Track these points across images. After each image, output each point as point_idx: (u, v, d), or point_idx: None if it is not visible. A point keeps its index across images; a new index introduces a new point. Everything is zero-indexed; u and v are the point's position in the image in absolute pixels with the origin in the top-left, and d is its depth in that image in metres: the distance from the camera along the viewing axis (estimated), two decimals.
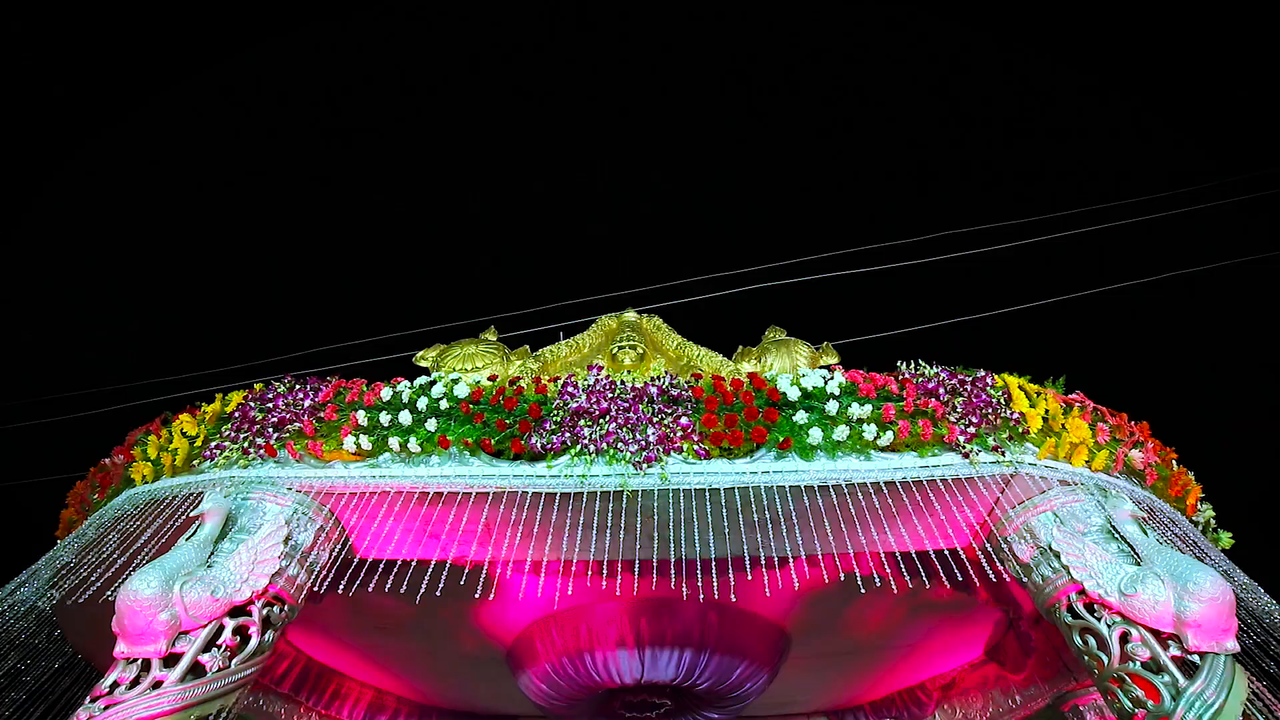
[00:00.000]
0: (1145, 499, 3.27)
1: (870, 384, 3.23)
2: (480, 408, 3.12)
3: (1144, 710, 2.47)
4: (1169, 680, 2.44)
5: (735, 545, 3.04)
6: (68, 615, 3.66)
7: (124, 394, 7.74)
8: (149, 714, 2.32)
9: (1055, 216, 7.92)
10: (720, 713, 4.91)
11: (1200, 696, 2.32)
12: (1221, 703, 2.30)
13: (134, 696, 2.36)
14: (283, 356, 7.60)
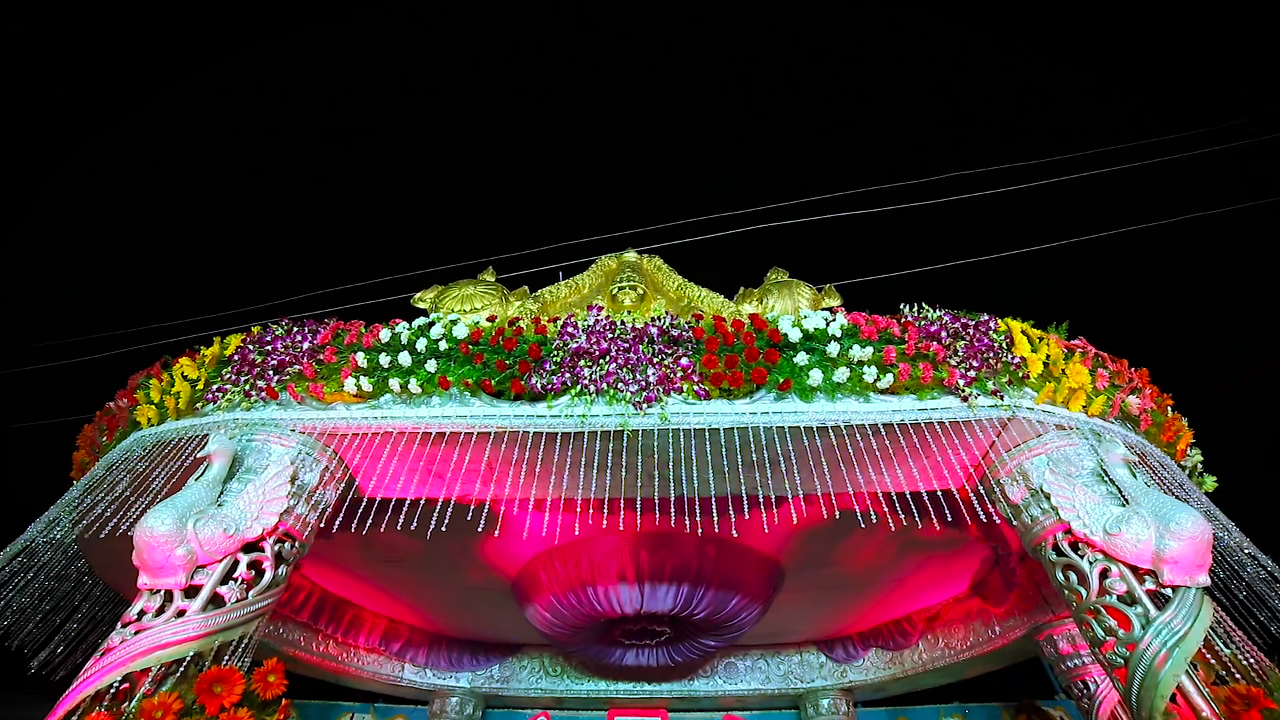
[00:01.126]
0: (1138, 444, 3.31)
1: (872, 326, 3.19)
2: (480, 348, 3.10)
3: (1114, 638, 2.60)
4: (1141, 611, 2.57)
5: (734, 484, 3.09)
6: (91, 550, 3.80)
7: (123, 339, 7.74)
8: (176, 639, 2.43)
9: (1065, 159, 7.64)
10: (717, 640, 5.17)
11: (1168, 625, 2.45)
12: (1187, 630, 2.43)
13: (160, 623, 2.47)
14: (280, 301, 7.54)
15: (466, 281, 4.11)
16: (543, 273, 6.47)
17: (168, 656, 2.39)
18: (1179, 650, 2.38)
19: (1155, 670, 2.38)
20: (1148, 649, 2.43)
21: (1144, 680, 2.40)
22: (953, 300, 3.49)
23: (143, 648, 2.38)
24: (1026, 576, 4.64)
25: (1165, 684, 2.35)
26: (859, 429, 3.01)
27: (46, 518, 3.31)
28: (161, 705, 2.16)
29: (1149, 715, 2.37)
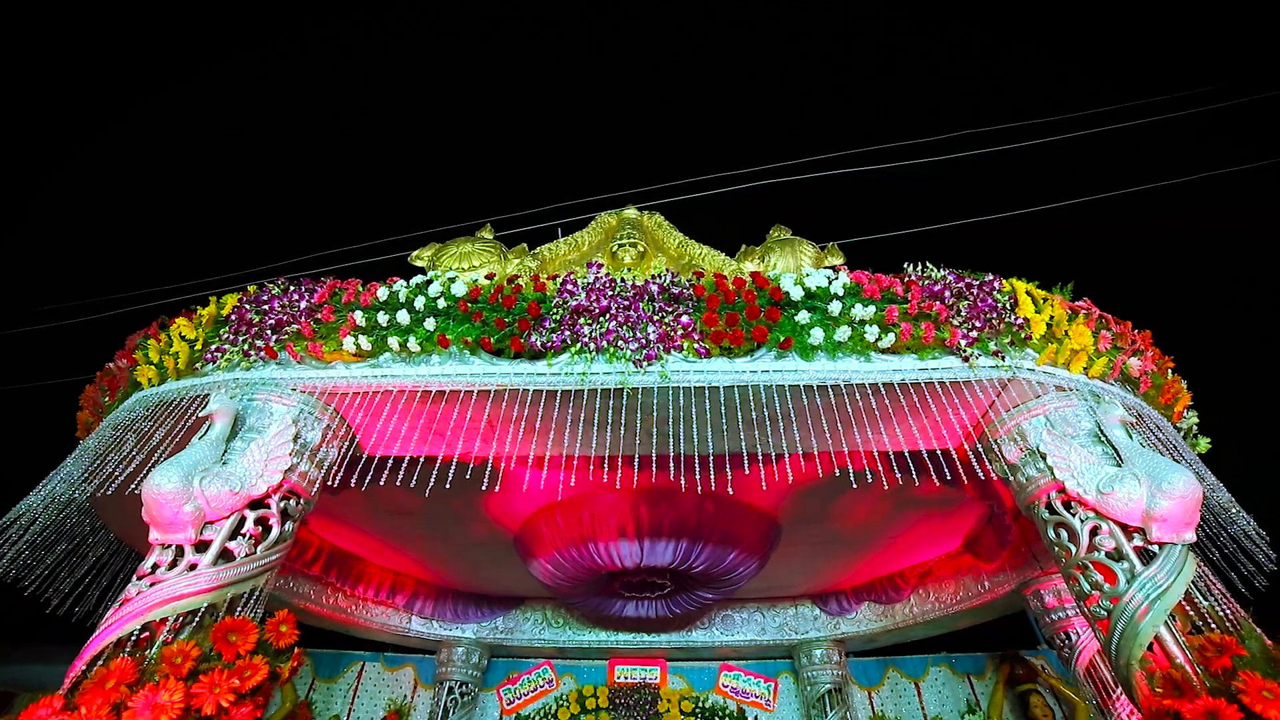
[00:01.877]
0: (1135, 405, 3.32)
1: (875, 285, 3.16)
2: (479, 306, 3.08)
3: (1099, 592, 2.67)
4: (1127, 567, 2.63)
5: (733, 442, 3.11)
6: (103, 507, 3.87)
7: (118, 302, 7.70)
8: (189, 591, 2.50)
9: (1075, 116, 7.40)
10: (714, 593, 5.32)
11: (1152, 580, 2.52)
12: (1169, 584, 2.50)
13: (174, 576, 2.54)
14: (277, 263, 7.46)
15: (464, 239, 4.04)
16: (541, 230, 6.39)
17: (183, 607, 2.46)
18: (1160, 603, 2.46)
19: (1136, 622, 2.46)
20: (1130, 602, 2.50)
21: (1125, 631, 2.48)
22: (958, 261, 3.45)
23: (158, 599, 2.45)
24: (1019, 534, 4.74)
25: (1144, 634, 2.44)
26: (859, 388, 3.01)
27: (56, 476, 3.35)
28: (180, 652, 2.23)
29: (1126, 663, 2.46)
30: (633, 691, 6.53)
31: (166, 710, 2.06)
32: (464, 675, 6.26)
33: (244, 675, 2.28)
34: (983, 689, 6.50)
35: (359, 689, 6.65)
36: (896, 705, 6.51)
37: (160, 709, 2.06)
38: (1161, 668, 2.34)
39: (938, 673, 6.68)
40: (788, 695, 6.62)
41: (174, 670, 2.18)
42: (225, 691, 2.19)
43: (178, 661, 2.20)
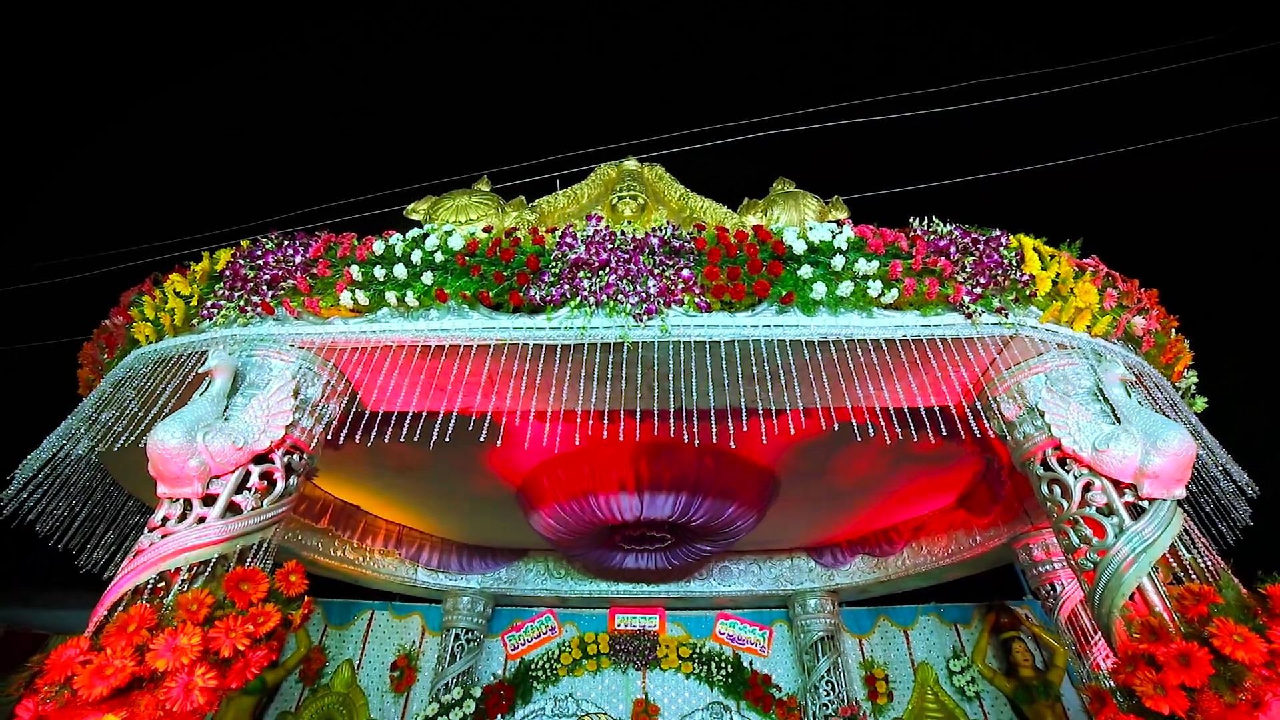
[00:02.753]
0: (1136, 364, 3.30)
1: (879, 240, 3.09)
2: (476, 260, 3.02)
3: (1088, 546, 2.73)
4: (1117, 521, 2.68)
5: (733, 397, 3.11)
6: (111, 462, 3.92)
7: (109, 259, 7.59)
8: (199, 543, 2.55)
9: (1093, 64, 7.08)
10: (713, 546, 5.46)
11: (1140, 534, 2.58)
12: (1156, 538, 2.55)
13: (183, 529, 2.59)
14: (270, 218, 7.30)
15: (461, 192, 3.94)
16: (539, 183, 6.23)
17: (194, 558, 2.52)
18: (1145, 556, 2.52)
19: (1121, 573, 2.52)
20: (1117, 554, 2.57)
21: (1109, 582, 2.55)
22: (967, 217, 3.37)
23: (170, 550, 2.51)
24: (1012, 490, 4.82)
25: (1128, 585, 2.51)
26: (860, 344, 2.99)
27: (61, 432, 3.37)
28: (196, 599, 2.29)
29: (1108, 611, 2.54)
30: (632, 638, 6.80)
31: (186, 652, 2.14)
32: (469, 623, 6.50)
33: (257, 621, 2.35)
34: (969, 636, 6.76)
35: (369, 635, 6.92)
36: (885, 651, 6.78)
37: (181, 651, 2.13)
38: (1141, 616, 2.42)
39: (926, 621, 6.94)
40: (782, 642, 6.89)
41: (190, 616, 2.25)
42: (240, 636, 2.26)
43: (194, 608, 2.27)
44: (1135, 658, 2.26)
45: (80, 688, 2.03)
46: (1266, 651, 2.05)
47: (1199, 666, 2.09)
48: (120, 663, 2.08)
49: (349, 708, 6.44)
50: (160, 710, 2.10)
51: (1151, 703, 2.13)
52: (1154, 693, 2.12)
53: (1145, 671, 2.19)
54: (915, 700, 6.43)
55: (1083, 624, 4.54)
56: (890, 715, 6.37)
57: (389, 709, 6.48)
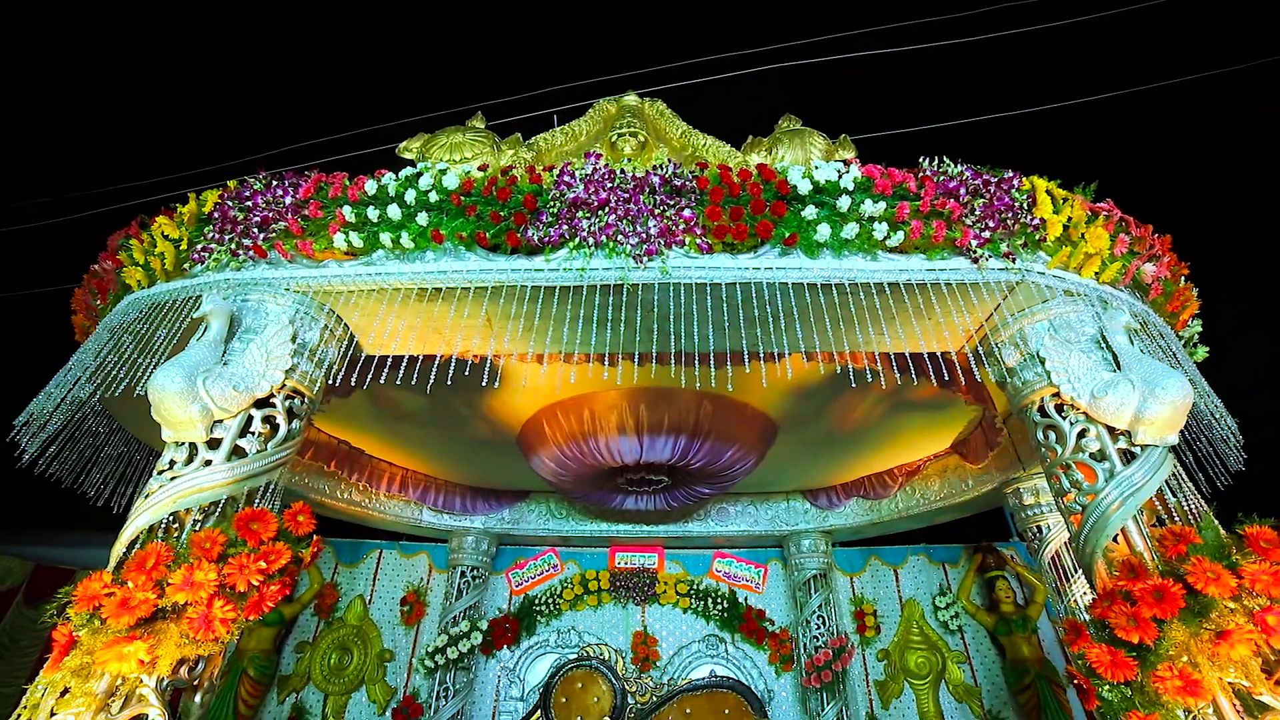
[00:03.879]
0: (1142, 312, 3.24)
1: (887, 180, 2.99)
2: (472, 200, 2.93)
3: (1078, 490, 2.78)
4: (1108, 467, 2.71)
5: (734, 340, 3.08)
6: (115, 407, 3.94)
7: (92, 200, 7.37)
8: (207, 484, 2.60)
9: None
10: (711, 488, 5.58)
11: (1129, 479, 2.61)
12: (1145, 483, 2.59)
13: (191, 471, 2.63)
14: (255, 156, 7.06)
15: (454, 129, 3.79)
16: (535, 119, 5.98)
17: (204, 499, 2.57)
18: (1133, 500, 2.56)
19: (1108, 515, 2.57)
20: (1106, 498, 2.61)
21: (1095, 523, 2.60)
22: (981, 158, 3.24)
23: (180, 490, 2.56)
24: (1007, 437, 4.88)
25: (1113, 526, 2.56)
26: (864, 287, 2.94)
27: (63, 379, 3.36)
28: (209, 538, 2.36)
29: (1092, 550, 2.60)
30: (632, 575, 7.07)
31: (204, 586, 2.22)
32: (474, 561, 6.74)
33: (269, 559, 2.42)
34: (955, 575, 7.04)
35: (379, 573, 7.20)
36: (875, 589, 7.08)
37: (199, 585, 2.21)
38: (1123, 556, 2.48)
39: (916, 561, 7.20)
40: (776, 579, 7.17)
41: (205, 554, 2.32)
42: (253, 572, 2.34)
43: (207, 546, 2.34)
44: (1113, 593, 2.34)
45: (108, 617, 2.13)
46: (1235, 586, 2.12)
47: (1171, 600, 2.18)
48: (143, 595, 2.16)
49: (363, 639, 6.78)
50: (184, 639, 2.21)
51: (1123, 633, 2.22)
52: (1126, 624, 2.21)
53: (1120, 605, 2.27)
54: (901, 633, 6.77)
55: (1064, 564, 4.70)
56: (877, 646, 6.72)
57: (400, 640, 6.82)
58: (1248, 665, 2.15)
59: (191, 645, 2.24)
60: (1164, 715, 2.18)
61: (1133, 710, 2.23)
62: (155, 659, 2.18)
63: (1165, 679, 2.13)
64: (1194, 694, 2.11)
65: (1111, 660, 2.25)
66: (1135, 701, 2.23)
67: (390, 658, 6.70)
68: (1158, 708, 2.19)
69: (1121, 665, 2.23)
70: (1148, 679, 2.19)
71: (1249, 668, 2.15)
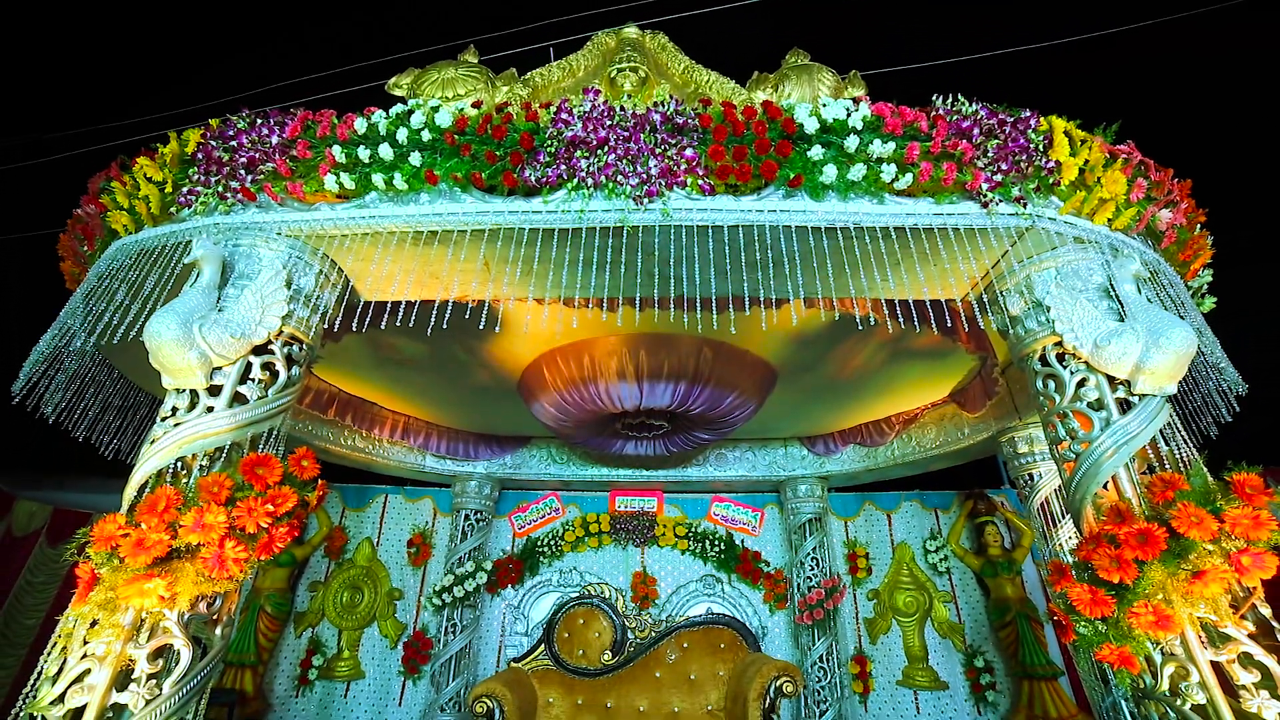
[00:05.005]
0: (1153, 260, 3.16)
1: (898, 119, 2.86)
2: (466, 139, 2.81)
3: (1073, 438, 2.80)
4: (1105, 415, 2.72)
5: (735, 285, 3.03)
6: (114, 355, 3.93)
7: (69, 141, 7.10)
8: (210, 431, 2.62)
9: None
10: (710, 434, 5.65)
11: (1124, 427, 2.62)
12: (1140, 431, 2.60)
13: (193, 418, 2.65)
14: (237, 95, 6.77)
15: (446, 64, 3.60)
16: (531, 53, 5.69)
17: (207, 445, 2.59)
18: (1126, 448, 2.58)
19: (1100, 463, 2.60)
20: (1100, 446, 2.62)
21: (1087, 470, 2.63)
22: (999, 97, 3.08)
23: (185, 436, 2.58)
24: (1004, 386, 4.90)
25: (1104, 473, 2.59)
26: (868, 232, 2.87)
27: (57, 328, 3.33)
28: (216, 482, 2.39)
29: (1081, 497, 2.64)
30: (631, 518, 7.28)
31: (215, 528, 2.28)
32: (478, 505, 6.92)
33: (276, 502, 2.47)
34: (947, 521, 7.25)
35: (385, 517, 7.41)
36: (868, 532, 7.30)
37: (210, 527, 2.27)
38: (1111, 502, 2.52)
39: (909, 506, 7.40)
40: (772, 523, 7.38)
41: (213, 497, 2.36)
42: (262, 515, 2.39)
43: (215, 490, 2.38)
44: (1098, 536, 2.40)
45: (126, 556, 2.20)
46: (1216, 530, 2.18)
47: (1153, 543, 2.24)
48: (157, 537, 2.23)
49: (373, 578, 7.06)
50: (200, 577, 2.29)
51: (1105, 574, 2.29)
52: (1109, 565, 2.28)
53: (1105, 548, 2.33)
54: (891, 574, 7.03)
55: (1052, 510, 4.82)
56: (868, 587, 6.99)
57: (408, 580, 7.09)
58: (1218, 601, 2.24)
59: (208, 583, 2.32)
60: (1134, 647, 2.28)
61: (1106, 643, 2.33)
62: (175, 595, 2.27)
63: (1139, 615, 2.22)
64: (1165, 628, 2.21)
65: (1092, 598, 2.33)
66: (1109, 635, 2.33)
67: (399, 596, 6.99)
68: (1129, 640, 2.29)
69: (1100, 603, 2.32)
70: (1124, 615, 2.28)
71: (1218, 604, 2.25)
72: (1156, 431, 2.61)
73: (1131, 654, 2.30)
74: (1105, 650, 2.33)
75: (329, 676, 6.55)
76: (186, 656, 2.31)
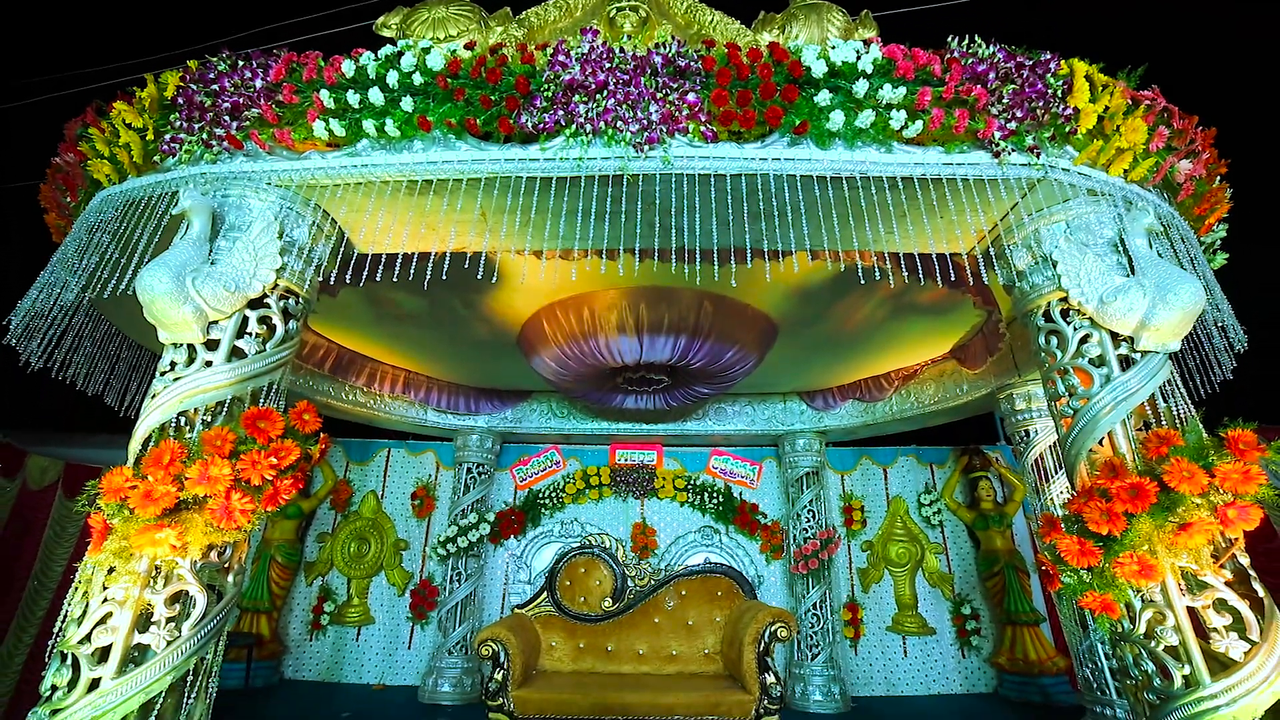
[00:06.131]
0: (1167, 214, 3.05)
1: (910, 62, 2.71)
2: (460, 83, 2.68)
3: (1072, 394, 2.79)
4: (1106, 372, 2.70)
5: (737, 236, 2.95)
6: (108, 311, 3.89)
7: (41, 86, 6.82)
8: (210, 385, 2.62)
9: None
10: (710, 388, 5.67)
11: (1125, 384, 2.60)
12: (1139, 388, 2.59)
13: (192, 372, 2.64)
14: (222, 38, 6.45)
15: (436, 2, 3.41)
16: None
17: (208, 399, 2.59)
18: (1125, 404, 2.58)
19: (1098, 419, 2.60)
20: (1098, 402, 2.62)
21: (1085, 427, 2.63)
22: (1020, 40, 2.92)
23: (185, 391, 2.57)
24: (1007, 342, 4.87)
25: (1101, 429, 2.59)
26: (875, 182, 2.79)
27: (45, 281, 3.27)
28: (219, 435, 2.41)
29: (1077, 452, 2.65)
30: (631, 471, 7.41)
31: (220, 480, 2.31)
32: (479, 458, 7.02)
33: (279, 455, 2.49)
34: (942, 476, 7.38)
35: (388, 470, 7.54)
36: (864, 486, 7.44)
37: (216, 479, 2.30)
38: (1106, 457, 2.54)
39: (905, 461, 7.52)
40: (770, 476, 7.52)
41: (217, 450, 2.38)
42: (265, 467, 2.41)
43: (219, 443, 2.39)
44: (1090, 490, 2.43)
45: (135, 507, 2.24)
46: (1206, 484, 2.20)
47: (1144, 496, 2.27)
48: (164, 489, 2.26)
49: (378, 530, 7.24)
50: (209, 527, 2.33)
51: (1094, 526, 2.34)
52: (1099, 518, 2.32)
53: (1096, 501, 2.37)
54: (885, 526, 7.22)
55: (1046, 466, 4.88)
56: (862, 539, 7.19)
57: (413, 531, 7.28)
58: (1200, 552, 2.30)
59: (217, 533, 2.37)
60: (1116, 595, 2.35)
61: (1089, 591, 2.40)
62: (185, 544, 2.33)
63: (1124, 564, 2.28)
64: (1148, 577, 2.27)
65: (1080, 549, 2.38)
66: (1093, 584, 2.40)
67: (405, 546, 7.18)
68: (1112, 588, 2.36)
69: (1088, 553, 2.37)
70: (1109, 565, 2.34)
71: (1200, 554, 2.31)
72: (1156, 389, 2.60)
73: (1113, 601, 2.38)
74: (1089, 597, 2.41)
75: (340, 622, 6.82)
76: (201, 601, 2.38)
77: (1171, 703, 2.23)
